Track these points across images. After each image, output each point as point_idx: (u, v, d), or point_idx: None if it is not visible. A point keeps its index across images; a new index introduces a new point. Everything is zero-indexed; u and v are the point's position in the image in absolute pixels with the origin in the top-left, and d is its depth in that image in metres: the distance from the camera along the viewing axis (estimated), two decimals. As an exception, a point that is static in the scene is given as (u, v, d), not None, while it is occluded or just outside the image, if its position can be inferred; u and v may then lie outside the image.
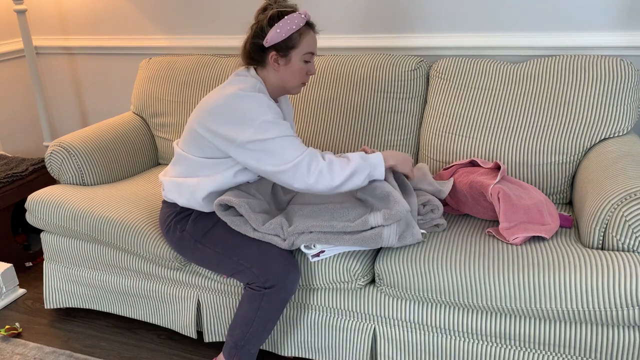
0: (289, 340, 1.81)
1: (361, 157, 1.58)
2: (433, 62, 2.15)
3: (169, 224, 1.72)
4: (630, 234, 1.45)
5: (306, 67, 1.65)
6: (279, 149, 1.55)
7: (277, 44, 1.60)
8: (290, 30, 1.58)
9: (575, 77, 1.89)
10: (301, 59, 1.62)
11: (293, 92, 1.70)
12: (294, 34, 1.59)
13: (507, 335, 1.54)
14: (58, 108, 3.10)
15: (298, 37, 1.60)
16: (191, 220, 1.69)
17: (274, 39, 1.58)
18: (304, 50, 1.62)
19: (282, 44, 1.60)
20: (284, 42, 1.59)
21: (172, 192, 1.72)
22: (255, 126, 1.54)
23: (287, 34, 1.58)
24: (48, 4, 2.84)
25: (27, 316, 2.20)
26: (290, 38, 1.59)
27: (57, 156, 2.12)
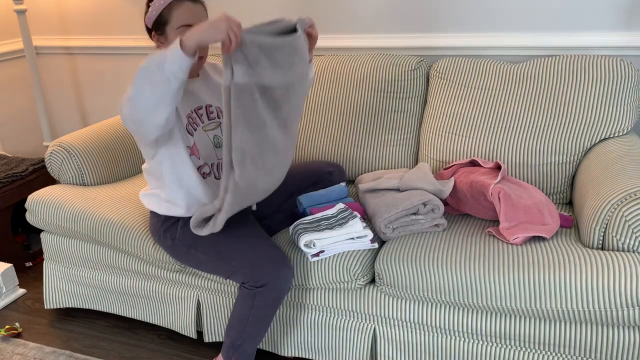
0: (289, 340, 1.81)
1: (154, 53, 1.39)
2: (433, 62, 2.15)
3: (159, 232, 1.73)
4: (630, 234, 1.45)
5: None
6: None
7: (154, 23, 1.59)
8: (160, 7, 1.56)
9: (575, 77, 1.89)
10: (177, 33, 1.56)
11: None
12: (164, 10, 1.57)
13: (507, 335, 1.54)
14: (58, 108, 3.10)
15: (168, 12, 1.57)
16: (180, 228, 1.69)
17: (150, 19, 1.59)
18: (177, 24, 1.57)
19: (156, 22, 1.59)
20: (157, 20, 1.58)
21: (150, 204, 1.74)
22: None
23: (157, 11, 1.57)
24: (48, 4, 2.84)
25: (27, 316, 2.20)
26: (161, 15, 1.57)
27: (57, 156, 2.12)
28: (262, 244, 1.62)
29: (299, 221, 1.70)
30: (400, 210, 1.63)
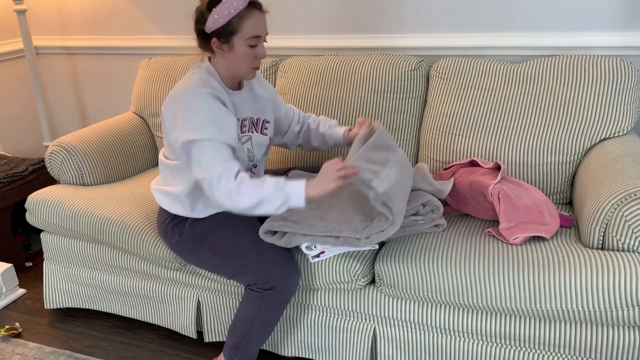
0: (289, 340, 1.81)
1: (276, 184, 1.47)
2: (433, 62, 2.15)
3: (166, 228, 1.72)
4: (630, 234, 1.45)
5: (254, 52, 1.55)
6: (200, 155, 1.49)
7: (217, 30, 1.51)
8: (229, 15, 1.48)
9: (575, 77, 1.89)
10: (245, 43, 1.52)
11: (245, 77, 1.62)
12: (233, 19, 1.49)
13: (507, 335, 1.54)
14: (58, 108, 3.10)
15: (238, 22, 1.50)
16: (188, 224, 1.68)
17: (213, 25, 1.50)
18: (247, 35, 1.52)
19: (221, 30, 1.50)
20: (223, 28, 1.50)
21: (163, 201, 1.72)
22: (187, 125, 1.50)
23: (225, 19, 1.48)
24: (48, 4, 2.84)
25: (27, 316, 2.20)
26: (229, 24, 1.49)
27: (57, 156, 2.12)
28: (271, 246, 1.61)
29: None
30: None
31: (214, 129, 1.49)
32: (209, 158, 1.49)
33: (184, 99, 1.53)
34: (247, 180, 1.48)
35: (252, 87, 1.74)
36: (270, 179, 1.49)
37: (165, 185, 1.71)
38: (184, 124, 1.51)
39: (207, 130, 1.49)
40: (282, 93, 2.24)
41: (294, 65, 2.26)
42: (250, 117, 1.70)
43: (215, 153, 1.49)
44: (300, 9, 2.37)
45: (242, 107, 1.67)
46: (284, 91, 2.23)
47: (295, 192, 1.46)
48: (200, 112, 1.50)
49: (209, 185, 1.49)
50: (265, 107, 1.76)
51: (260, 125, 1.73)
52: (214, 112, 1.52)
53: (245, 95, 1.70)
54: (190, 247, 1.68)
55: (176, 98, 1.55)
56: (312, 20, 2.37)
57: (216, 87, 1.58)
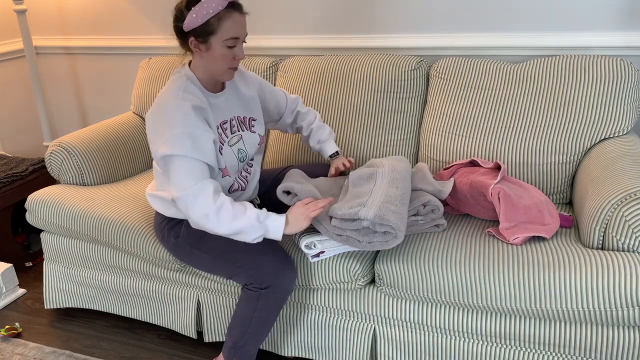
0: (289, 340, 1.81)
1: (257, 218, 1.48)
2: (433, 62, 2.15)
3: (162, 231, 1.72)
4: (630, 234, 1.45)
5: (231, 53, 1.53)
6: (174, 171, 1.49)
7: (195, 29, 1.49)
8: (207, 15, 1.46)
9: (575, 77, 1.89)
10: (222, 44, 1.51)
11: (223, 78, 1.60)
12: (212, 19, 1.47)
13: (507, 335, 1.54)
14: (58, 108, 3.10)
15: (217, 22, 1.48)
16: (184, 227, 1.68)
17: (191, 24, 1.49)
18: (225, 36, 1.50)
19: (199, 29, 1.49)
20: (201, 27, 1.48)
21: (157, 205, 1.73)
22: (164, 139, 1.50)
23: (203, 19, 1.47)
24: (48, 4, 2.84)
25: (27, 316, 2.20)
26: (207, 23, 1.48)
27: (57, 156, 2.12)
28: (266, 245, 1.61)
29: None
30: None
31: (189, 145, 1.48)
32: (183, 175, 1.48)
33: (164, 111, 1.53)
34: (227, 205, 1.48)
35: (236, 86, 1.73)
36: (251, 210, 1.49)
37: (159, 191, 1.72)
38: (162, 137, 1.51)
39: (183, 145, 1.48)
40: (282, 93, 2.24)
41: (294, 65, 2.26)
42: (237, 116, 1.70)
43: (189, 170, 1.48)
44: (300, 9, 2.37)
45: (227, 108, 1.67)
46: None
47: (275, 228, 1.49)
48: (177, 127, 1.49)
49: (184, 205, 1.49)
50: (251, 105, 1.76)
51: (247, 123, 1.73)
52: (192, 130, 1.50)
53: (230, 95, 1.69)
54: (187, 249, 1.68)
55: (157, 109, 1.55)
56: (313, 20, 2.37)
57: (196, 94, 1.57)
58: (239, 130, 1.69)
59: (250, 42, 2.48)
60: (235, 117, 1.69)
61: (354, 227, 1.50)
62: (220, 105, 1.65)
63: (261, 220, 1.48)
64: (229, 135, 1.65)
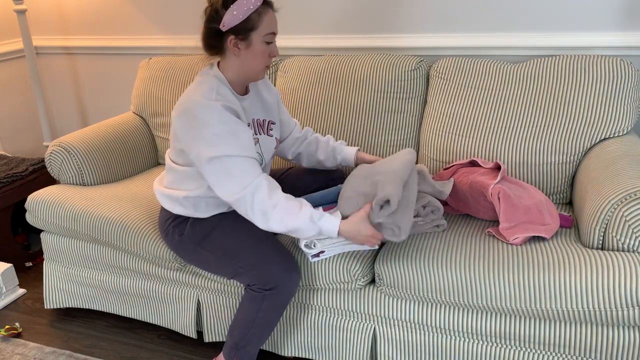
0: (290, 340, 1.81)
1: (310, 217, 1.48)
2: (433, 62, 2.15)
3: (167, 228, 1.72)
4: (630, 234, 1.45)
5: (268, 49, 1.55)
6: (225, 172, 1.48)
7: (235, 27, 1.48)
8: (248, 10, 1.47)
9: (575, 77, 1.89)
10: (262, 40, 1.52)
11: (257, 77, 1.60)
12: (253, 15, 1.48)
13: (507, 335, 1.54)
14: (58, 108, 3.10)
15: (257, 18, 1.49)
16: (189, 225, 1.68)
17: (231, 21, 1.47)
18: (265, 31, 1.51)
19: (240, 26, 1.48)
20: (242, 24, 1.48)
21: (165, 202, 1.72)
22: (205, 141, 1.48)
23: (244, 15, 1.47)
24: (48, 4, 2.84)
25: (27, 316, 2.20)
26: (248, 19, 1.48)
27: (57, 156, 2.12)
28: (271, 246, 1.61)
29: None
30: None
31: (235, 144, 1.48)
32: (238, 174, 1.47)
33: (198, 112, 1.49)
34: (282, 202, 1.48)
35: (258, 90, 1.73)
36: (306, 207, 1.49)
37: (169, 188, 1.70)
38: (201, 140, 1.49)
39: (229, 145, 1.47)
40: (282, 93, 2.24)
41: (294, 65, 2.26)
42: (257, 119, 1.69)
43: (241, 169, 1.48)
44: (300, 9, 2.37)
45: (251, 110, 1.67)
46: (284, 91, 2.23)
47: (329, 228, 1.50)
48: (217, 127, 1.48)
49: (244, 206, 1.49)
50: (271, 109, 1.76)
51: (266, 126, 1.72)
52: (232, 127, 1.50)
53: (253, 98, 1.70)
54: (190, 247, 1.68)
55: (190, 110, 1.51)
56: (312, 20, 2.37)
57: (228, 96, 1.56)
58: (257, 133, 1.68)
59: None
60: (255, 120, 1.68)
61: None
62: (246, 108, 1.64)
63: (314, 221, 1.48)
64: None
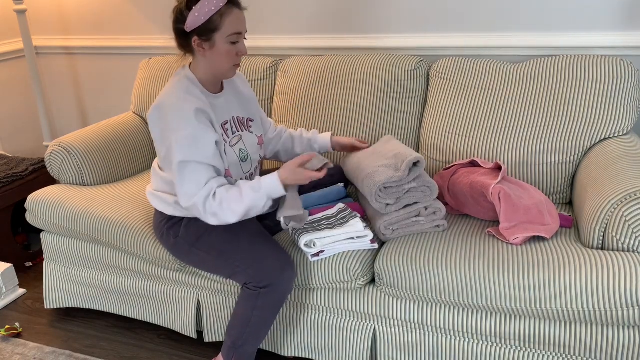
0: (289, 340, 1.81)
1: (252, 189, 1.51)
2: (433, 62, 2.15)
3: (162, 230, 1.72)
4: (630, 234, 1.45)
5: (235, 48, 1.56)
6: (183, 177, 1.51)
7: (198, 28, 1.51)
8: (210, 12, 1.48)
9: (575, 77, 1.89)
10: (226, 40, 1.53)
11: (227, 76, 1.62)
12: (214, 16, 1.49)
13: (507, 335, 1.54)
14: (58, 108, 3.10)
15: (219, 19, 1.50)
16: (183, 226, 1.68)
17: (194, 23, 1.50)
18: (229, 32, 1.52)
19: (202, 27, 1.51)
20: (204, 25, 1.50)
21: (156, 204, 1.73)
22: (168, 143, 1.52)
23: (206, 17, 1.49)
24: (48, 4, 2.84)
25: (27, 316, 2.20)
26: (210, 21, 1.50)
27: (57, 156, 2.12)
28: (265, 244, 1.62)
29: None
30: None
31: (191, 150, 1.51)
32: (191, 181, 1.51)
33: (166, 114, 1.54)
34: (224, 196, 1.51)
35: (235, 86, 1.74)
36: (244, 186, 1.53)
37: (158, 191, 1.72)
38: (167, 141, 1.54)
39: (186, 151, 1.50)
40: (282, 93, 2.24)
41: (294, 65, 2.26)
42: (237, 116, 1.70)
43: (196, 176, 1.51)
44: (300, 9, 2.37)
45: (227, 108, 1.68)
46: (284, 91, 2.23)
47: (273, 187, 1.53)
48: (183, 130, 1.51)
49: (198, 213, 1.54)
50: (249, 106, 1.78)
51: (245, 123, 1.73)
52: (194, 132, 1.52)
53: (229, 96, 1.71)
54: (186, 249, 1.68)
55: (159, 111, 1.56)
56: (313, 20, 2.37)
57: (197, 95, 1.58)
58: (238, 130, 1.69)
59: (250, 42, 2.47)
60: (235, 118, 1.69)
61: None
62: (220, 106, 1.65)
63: (257, 190, 1.51)
64: (230, 136, 1.66)
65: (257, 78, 2.31)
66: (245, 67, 2.33)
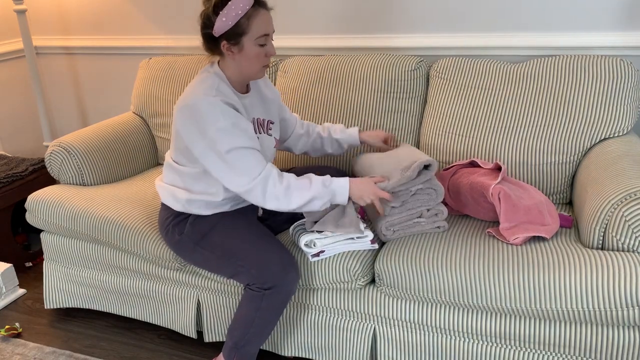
0: (289, 340, 1.81)
1: (323, 182, 1.53)
2: (433, 62, 2.15)
3: (167, 227, 1.72)
4: (630, 234, 1.45)
5: (263, 50, 1.56)
6: (235, 164, 1.51)
7: (226, 32, 1.51)
8: (237, 16, 1.48)
9: (575, 77, 1.89)
10: (255, 43, 1.53)
11: (257, 77, 1.62)
12: (242, 20, 1.49)
13: (507, 335, 1.54)
14: (58, 108, 3.10)
15: (246, 22, 1.50)
16: (189, 224, 1.68)
17: (222, 28, 1.50)
18: (256, 34, 1.52)
19: (230, 32, 1.51)
20: (232, 30, 1.50)
21: (167, 198, 1.72)
22: (209, 136, 1.50)
23: (233, 21, 1.49)
24: (48, 4, 2.84)
25: (27, 316, 2.20)
26: (237, 25, 1.50)
27: (57, 156, 2.12)
28: (270, 245, 1.62)
29: (300, 221, 1.70)
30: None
31: (239, 137, 1.51)
32: (246, 166, 1.51)
33: (201, 107, 1.51)
34: (293, 181, 1.53)
35: (259, 88, 1.74)
36: (316, 178, 1.55)
37: (171, 185, 1.71)
38: (206, 135, 1.51)
39: (233, 137, 1.50)
40: (282, 93, 2.24)
41: (294, 65, 2.26)
42: (258, 118, 1.70)
43: (250, 160, 1.51)
44: (300, 9, 2.37)
45: (252, 109, 1.68)
46: (284, 91, 2.23)
47: (340, 189, 1.55)
48: (220, 122, 1.50)
49: (255, 196, 1.52)
50: (271, 108, 1.77)
51: (265, 126, 1.73)
52: (235, 120, 1.52)
53: (254, 97, 1.70)
54: (190, 246, 1.68)
55: (192, 106, 1.53)
56: (312, 20, 2.37)
57: (227, 93, 1.57)
58: (258, 132, 1.69)
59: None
60: (256, 120, 1.69)
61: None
62: (247, 106, 1.65)
63: (327, 185, 1.53)
64: None
65: (257, 78, 2.31)
66: (245, 67, 2.33)
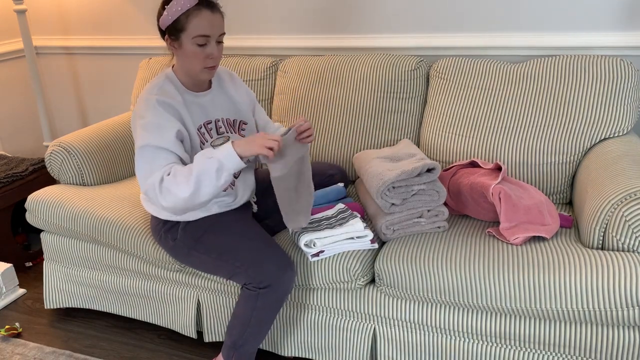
0: (289, 340, 1.81)
1: (202, 155, 1.46)
2: (433, 62, 2.15)
3: (160, 234, 1.73)
4: (630, 234, 1.45)
5: (203, 51, 1.54)
6: (140, 161, 1.52)
7: (168, 27, 1.54)
8: (177, 12, 1.50)
9: (575, 77, 1.89)
10: (192, 42, 1.52)
11: (200, 77, 1.60)
12: (181, 17, 1.50)
13: (507, 335, 1.54)
14: (58, 108, 3.10)
15: (185, 20, 1.50)
16: (181, 229, 1.68)
17: (164, 22, 1.53)
18: (194, 34, 1.51)
19: (171, 27, 1.53)
20: (172, 25, 1.52)
21: (151, 209, 1.73)
22: (136, 132, 1.54)
23: (173, 16, 1.51)
24: (48, 4, 2.84)
25: (27, 316, 2.20)
26: (177, 21, 1.51)
27: (57, 156, 2.12)
28: (265, 244, 1.62)
29: None
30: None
31: (154, 136, 1.50)
32: (147, 165, 1.50)
33: (138, 106, 1.58)
34: (178, 169, 1.47)
35: (223, 87, 1.73)
36: (196, 158, 1.47)
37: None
38: (135, 131, 1.56)
39: (149, 136, 1.51)
40: (282, 93, 2.24)
41: (294, 65, 2.26)
42: (226, 118, 1.70)
43: (153, 158, 1.50)
44: (300, 9, 2.37)
45: (213, 108, 1.67)
46: (284, 91, 2.23)
47: (226, 154, 1.45)
48: (147, 118, 1.53)
49: (153, 194, 1.49)
50: (241, 109, 1.75)
51: (237, 126, 1.73)
52: (159, 121, 1.53)
53: (217, 96, 1.70)
54: (185, 251, 1.69)
55: (135, 105, 1.61)
56: (313, 20, 2.37)
57: (171, 92, 1.59)
58: (227, 132, 1.69)
59: (250, 42, 2.48)
60: (223, 119, 1.69)
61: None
62: (204, 105, 1.65)
63: (209, 156, 1.45)
64: (214, 136, 1.65)
65: (257, 78, 2.31)
66: (245, 67, 2.33)
